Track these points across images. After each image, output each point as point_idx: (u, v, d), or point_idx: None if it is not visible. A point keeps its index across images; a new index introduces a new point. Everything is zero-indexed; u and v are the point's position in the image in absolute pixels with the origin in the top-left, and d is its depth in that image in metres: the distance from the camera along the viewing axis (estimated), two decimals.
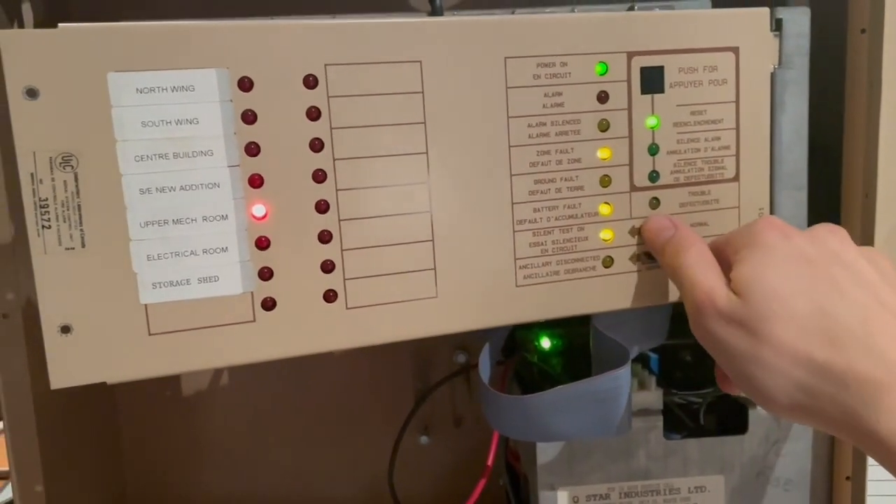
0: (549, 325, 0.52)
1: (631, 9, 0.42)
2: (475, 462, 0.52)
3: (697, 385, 0.46)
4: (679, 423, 0.45)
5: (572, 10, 0.43)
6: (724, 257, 0.34)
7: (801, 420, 0.31)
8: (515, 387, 0.49)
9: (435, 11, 0.43)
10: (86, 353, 0.32)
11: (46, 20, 0.43)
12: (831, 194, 0.43)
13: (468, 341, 0.58)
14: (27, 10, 0.41)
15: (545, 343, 0.52)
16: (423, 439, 0.58)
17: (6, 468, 0.66)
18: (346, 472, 0.59)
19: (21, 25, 0.40)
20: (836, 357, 0.29)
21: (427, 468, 0.60)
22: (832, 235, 0.33)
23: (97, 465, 0.52)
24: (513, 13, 0.42)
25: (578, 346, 0.50)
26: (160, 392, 0.56)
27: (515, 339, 0.53)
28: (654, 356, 0.49)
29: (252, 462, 0.59)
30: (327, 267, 0.35)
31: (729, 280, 0.33)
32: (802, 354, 0.29)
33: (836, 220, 0.43)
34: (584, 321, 0.44)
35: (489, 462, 0.46)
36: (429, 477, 0.60)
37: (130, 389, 0.55)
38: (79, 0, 0.46)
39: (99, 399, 0.53)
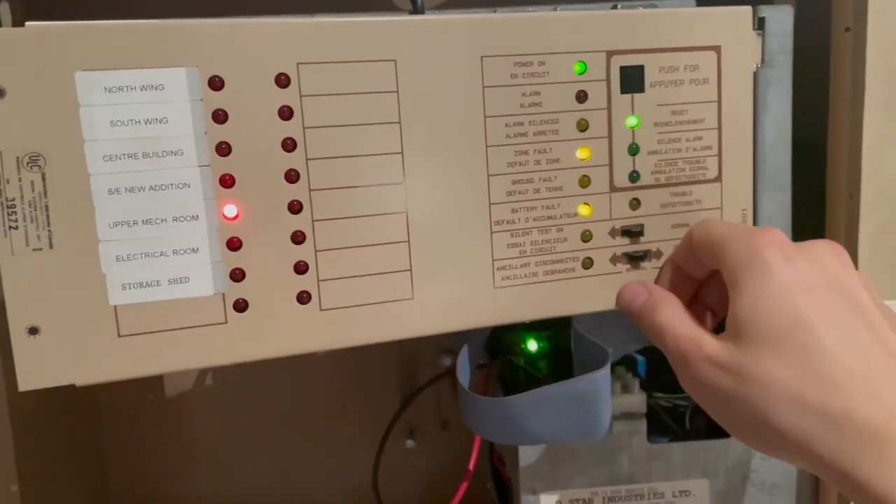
0: (535, 327, 0.52)
1: (614, 7, 0.41)
2: (461, 466, 0.52)
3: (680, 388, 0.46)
4: (665, 426, 0.44)
5: (554, 9, 0.43)
6: (715, 261, 0.33)
7: (788, 460, 0.30)
8: (500, 390, 0.49)
9: (416, 10, 0.43)
10: (54, 354, 0.31)
11: (24, 20, 0.42)
12: (815, 194, 0.42)
13: (453, 344, 0.57)
14: (5, 11, 0.41)
15: (532, 345, 0.52)
16: (409, 443, 0.58)
17: None
18: (330, 476, 0.59)
19: None
20: (831, 399, 0.27)
21: (413, 472, 0.59)
22: (835, 258, 0.31)
23: (79, 469, 0.52)
24: (494, 12, 0.42)
25: (566, 348, 0.50)
26: (143, 395, 0.56)
27: (501, 342, 0.52)
28: (641, 359, 0.48)
29: (236, 466, 0.58)
30: (301, 268, 0.34)
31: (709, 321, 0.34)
32: (795, 393, 0.28)
33: (820, 220, 0.42)
34: (570, 323, 0.44)
35: (471, 466, 0.45)
36: (414, 481, 0.59)
37: (113, 392, 0.55)
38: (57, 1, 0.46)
39: (82, 402, 0.53)
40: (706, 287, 0.37)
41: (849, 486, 0.27)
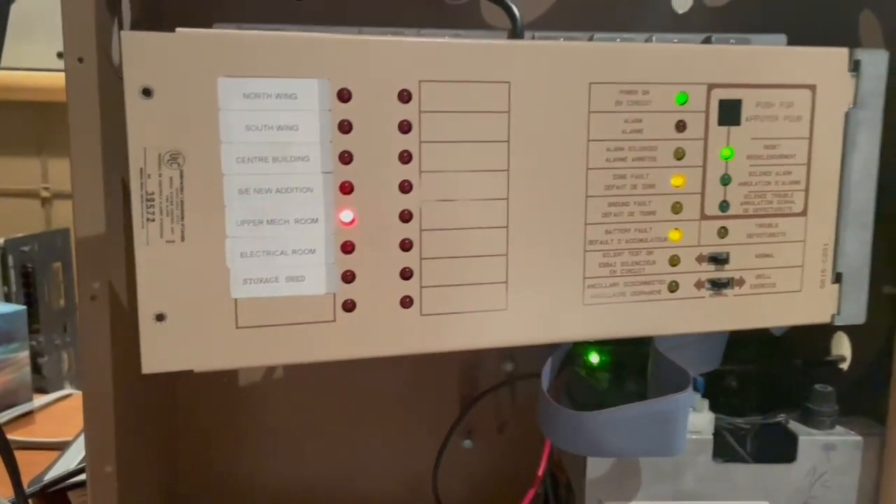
0: (598, 342, 0.53)
1: (707, 40, 0.43)
2: (516, 468, 0.53)
3: (741, 411, 0.47)
4: (726, 447, 0.46)
5: (650, 38, 0.44)
6: None
7: None
8: (567, 401, 0.50)
9: (516, 32, 0.44)
10: (177, 341, 0.33)
11: (140, 21, 0.45)
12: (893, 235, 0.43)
13: (516, 351, 0.59)
14: (126, 11, 0.43)
15: (594, 358, 0.53)
16: (467, 443, 0.59)
17: (60, 439, 0.69)
18: (390, 470, 0.61)
19: (120, 25, 0.42)
20: None
21: (469, 472, 0.61)
22: None
23: (155, 448, 0.54)
24: (591, 38, 0.43)
25: (625, 363, 0.51)
26: (218, 379, 0.58)
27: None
28: (700, 380, 0.49)
29: (300, 455, 0.60)
30: (406, 274, 0.36)
31: None
32: None
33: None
34: (632, 340, 0.45)
35: (539, 472, 0.47)
36: (470, 480, 0.61)
37: (190, 376, 0.57)
38: (172, 3, 0.49)
39: (161, 383, 0.55)
40: None
41: None
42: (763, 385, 0.53)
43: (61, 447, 0.67)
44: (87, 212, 0.39)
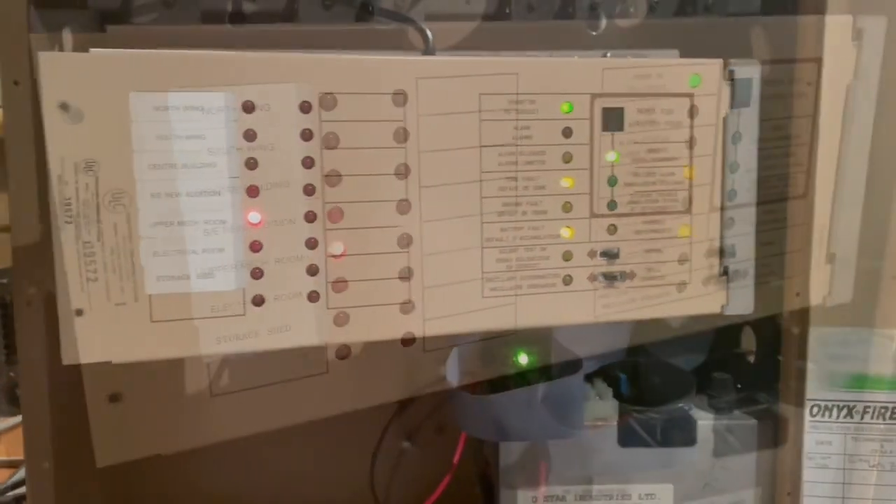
0: (526, 343, 0.56)
1: (604, 55, 0.46)
2: (458, 469, 0.56)
3: (653, 401, 0.50)
4: (631, 433, 0.48)
5: (550, 55, 0.48)
6: None
7: None
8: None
9: (428, 50, 0.48)
10: (94, 334, 0.36)
11: (83, 47, 0.48)
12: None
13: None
14: (67, 37, 0.46)
15: (522, 359, 0.56)
16: (406, 445, 0.62)
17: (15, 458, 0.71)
18: (329, 475, 0.63)
19: (61, 48, 0.45)
20: None
21: (409, 474, 0.63)
22: None
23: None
24: (496, 55, 0.47)
25: (556, 365, 0.54)
26: None
27: (494, 354, 0.56)
28: (622, 376, 0.52)
29: (237, 463, 0.62)
30: (312, 270, 0.39)
31: None
32: None
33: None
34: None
35: (455, 460, 0.49)
36: (410, 482, 0.63)
37: None
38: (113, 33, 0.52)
39: None
40: None
41: None
42: (680, 377, 0.56)
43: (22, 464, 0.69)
44: (22, 222, 0.42)
